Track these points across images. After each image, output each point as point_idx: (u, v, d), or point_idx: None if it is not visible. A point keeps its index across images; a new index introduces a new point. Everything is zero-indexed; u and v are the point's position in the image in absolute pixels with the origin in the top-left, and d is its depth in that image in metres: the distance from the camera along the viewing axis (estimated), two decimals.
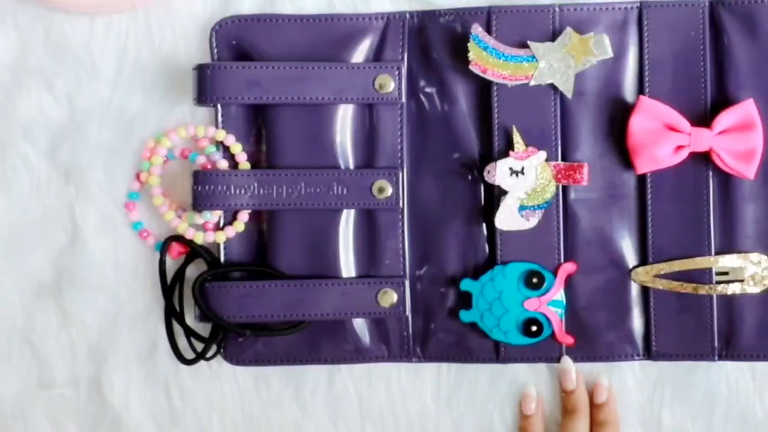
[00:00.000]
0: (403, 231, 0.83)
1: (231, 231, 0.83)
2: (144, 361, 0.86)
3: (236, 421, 0.86)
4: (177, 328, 0.84)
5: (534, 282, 0.81)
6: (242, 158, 0.83)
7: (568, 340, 0.82)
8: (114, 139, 0.85)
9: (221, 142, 0.83)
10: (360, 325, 0.84)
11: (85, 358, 0.86)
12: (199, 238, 0.83)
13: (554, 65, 0.80)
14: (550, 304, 0.81)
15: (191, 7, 0.85)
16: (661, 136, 0.80)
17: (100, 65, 0.85)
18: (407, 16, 0.84)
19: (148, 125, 0.85)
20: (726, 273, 0.81)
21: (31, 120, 0.86)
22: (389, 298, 0.82)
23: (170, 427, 0.86)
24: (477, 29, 0.81)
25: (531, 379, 0.84)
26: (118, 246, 0.86)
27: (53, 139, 0.86)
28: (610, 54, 0.80)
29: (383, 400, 0.85)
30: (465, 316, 0.82)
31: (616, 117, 0.82)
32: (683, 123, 0.80)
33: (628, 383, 0.84)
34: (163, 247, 0.83)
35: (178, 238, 0.84)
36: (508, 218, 0.81)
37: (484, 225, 0.83)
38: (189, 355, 0.83)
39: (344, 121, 0.83)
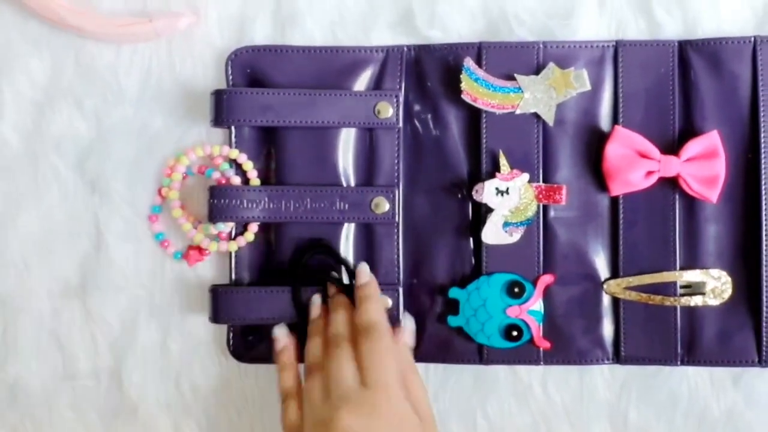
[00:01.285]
0: (398, 243, 0.85)
1: (242, 241, 0.85)
2: (159, 356, 0.88)
3: (241, 412, 0.87)
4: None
5: (515, 291, 0.83)
6: (253, 175, 0.85)
7: (545, 344, 0.83)
8: (136, 155, 0.87)
9: (234, 160, 0.85)
10: None
11: (106, 353, 0.88)
12: (214, 246, 0.85)
13: (538, 96, 0.82)
14: (530, 311, 0.83)
15: (209, 37, 0.87)
16: (633, 162, 0.81)
17: (125, 87, 0.87)
18: (405, 49, 0.85)
19: (168, 142, 0.87)
20: (689, 286, 0.83)
21: (62, 135, 0.87)
22: (385, 303, 0.83)
23: (182, 417, 0.88)
24: (469, 62, 0.82)
25: (510, 380, 0.86)
26: (137, 251, 0.87)
27: (81, 153, 0.87)
28: (588, 87, 0.82)
29: None
30: (452, 321, 0.84)
31: (593, 144, 0.83)
32: (654, 151, 0.81)
33: (598, 385, 0.85)
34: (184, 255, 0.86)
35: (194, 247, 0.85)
36: (493, 233, 0.83)
37: (471, 239, 0.84)
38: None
39: (347, 143, 0.85)
